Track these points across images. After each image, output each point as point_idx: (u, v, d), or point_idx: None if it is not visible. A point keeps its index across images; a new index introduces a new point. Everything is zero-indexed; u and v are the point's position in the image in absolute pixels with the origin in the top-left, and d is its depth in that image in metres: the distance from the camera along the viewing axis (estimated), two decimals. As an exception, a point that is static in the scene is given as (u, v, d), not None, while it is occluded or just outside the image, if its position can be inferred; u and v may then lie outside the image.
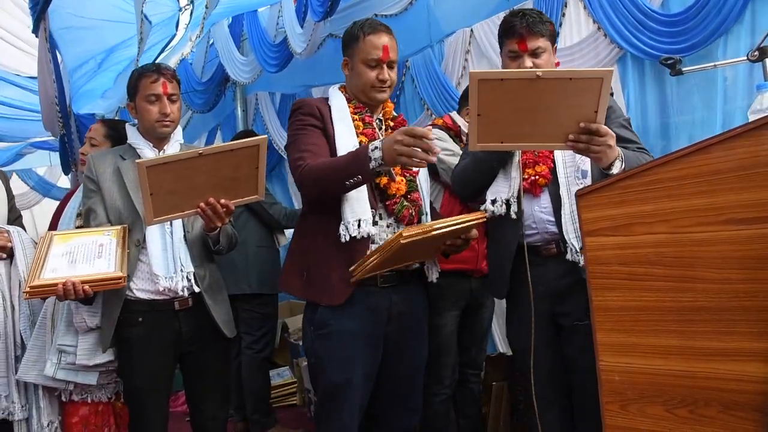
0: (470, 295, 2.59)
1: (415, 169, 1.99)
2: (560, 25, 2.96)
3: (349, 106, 2.03)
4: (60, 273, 1.86)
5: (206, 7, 3.55)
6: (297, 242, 2.07)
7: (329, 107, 2.02)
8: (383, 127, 2.09)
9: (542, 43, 1.91)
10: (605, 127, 1.64)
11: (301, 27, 4.09)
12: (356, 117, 2.02)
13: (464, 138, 2.60)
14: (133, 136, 2.20)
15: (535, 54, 1.91)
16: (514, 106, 1.59)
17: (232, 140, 3.72)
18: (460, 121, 2.67)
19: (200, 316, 2.13)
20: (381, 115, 2.10)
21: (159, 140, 2.19)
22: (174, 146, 2.21)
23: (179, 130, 2.25)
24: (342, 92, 2.07)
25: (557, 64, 2.07)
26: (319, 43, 4.05)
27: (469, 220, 1.82)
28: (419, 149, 1.67)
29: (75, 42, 4.09)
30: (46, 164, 7.53)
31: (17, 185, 7.62)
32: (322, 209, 1.93)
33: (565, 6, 2.95)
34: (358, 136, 1.97)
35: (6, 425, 2.17)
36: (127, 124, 2.27)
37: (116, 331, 2.06)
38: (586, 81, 1.57)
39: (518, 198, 1.91)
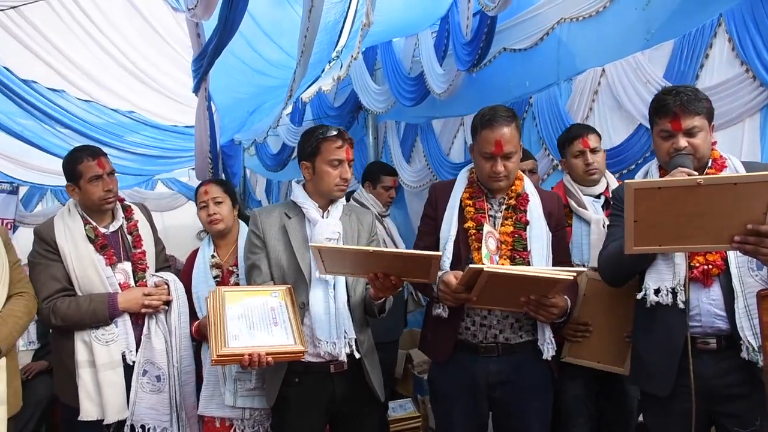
0: None
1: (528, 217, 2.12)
2: (701, 67, 2.84)
3: (467, 191, 2.18)
4: (242, 340, 1.93)
5: (353, 57, 3.75)
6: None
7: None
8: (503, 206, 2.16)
9: (698, 122, 1.84)
10: None
11: (441, 65, 4.07)
12: (469, 202, 2.15)
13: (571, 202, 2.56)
14: (300, 195, 2.22)
15: (690, 133, 1.84)
16: (673, 212, 1.58)
17: (364, 172, 3.94)
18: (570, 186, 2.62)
19: (354, 379, 2.14)
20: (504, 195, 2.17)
21: (327, 201, 2.21)
22: (338, 208, 2.23)
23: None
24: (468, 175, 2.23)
25: (714, 143, 1.97)
26: (459, 84, 4.04)
27: (559, 276, 1.79)
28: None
29: (227, 91, 4.40)
30: (185, 176, 8.08)
31: (162, 190, 8.21)
32: None
33: (710, 47, 2.79)
34: (467, 221, 2.12)
35: None
36: (293, 182, 2.32)
37: None
38: (753, 186, 1.53)
39: (685, 287, 1.83)
